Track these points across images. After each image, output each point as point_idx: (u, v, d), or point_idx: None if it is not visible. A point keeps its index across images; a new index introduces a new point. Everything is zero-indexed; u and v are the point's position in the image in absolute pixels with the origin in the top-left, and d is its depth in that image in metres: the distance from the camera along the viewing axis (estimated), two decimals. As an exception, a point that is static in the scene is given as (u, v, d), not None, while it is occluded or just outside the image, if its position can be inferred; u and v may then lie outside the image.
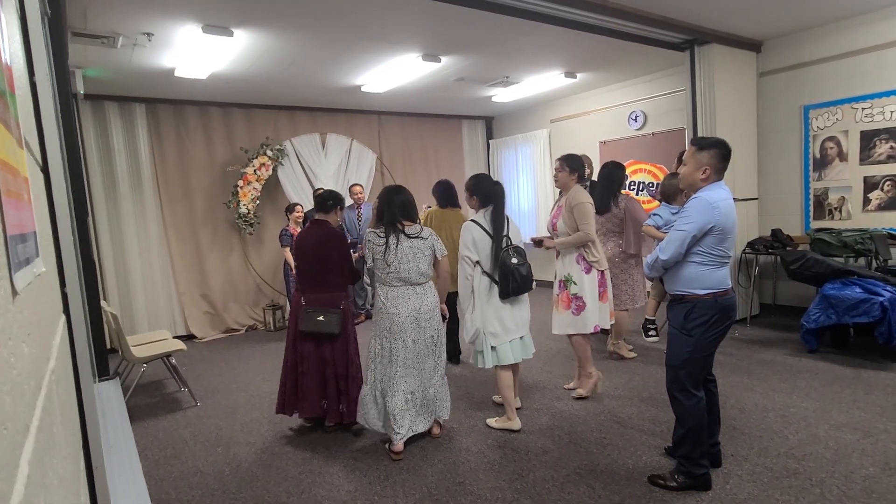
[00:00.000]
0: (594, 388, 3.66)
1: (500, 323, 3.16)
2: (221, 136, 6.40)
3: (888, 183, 4.65)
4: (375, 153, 7.46)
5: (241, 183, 6.23)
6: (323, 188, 6.40)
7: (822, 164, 5.03)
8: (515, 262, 3.10)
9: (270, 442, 3.30)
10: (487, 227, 3.16)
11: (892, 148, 4.59)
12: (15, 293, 0.55)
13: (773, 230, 5.11)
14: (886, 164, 4.63)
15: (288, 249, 5.66)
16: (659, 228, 3.51)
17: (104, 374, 2.58)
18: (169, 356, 4.06)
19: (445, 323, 3.32)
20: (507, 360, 3.19)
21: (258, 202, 6.35)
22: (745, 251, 5.17)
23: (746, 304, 5.29)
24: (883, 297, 3.79)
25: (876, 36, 4.58)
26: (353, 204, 6.53)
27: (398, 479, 2.75)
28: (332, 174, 7.02)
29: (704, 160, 2.34)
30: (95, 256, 5.62)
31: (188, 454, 3.22)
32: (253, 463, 3.05)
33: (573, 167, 3.53)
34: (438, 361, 3.12)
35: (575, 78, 6.20)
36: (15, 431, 0.46)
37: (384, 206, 3.04)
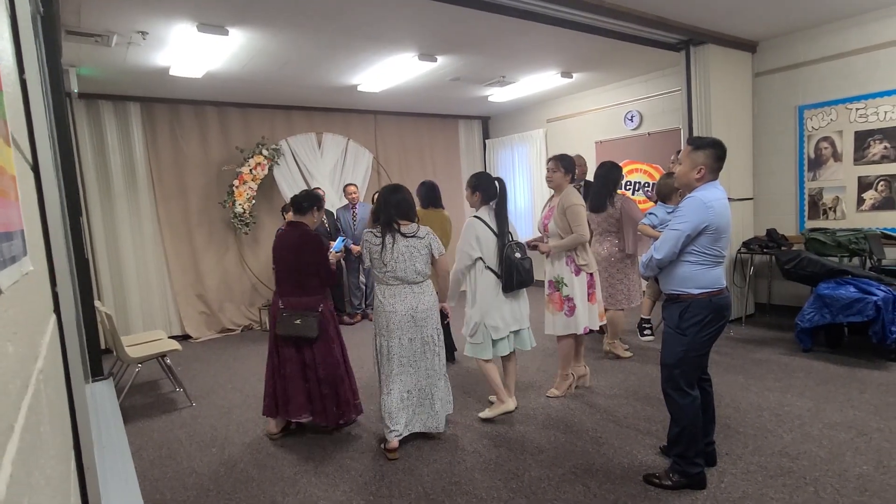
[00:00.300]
0: (569, 389, 3.69)
1: (500, 317, 3.26)
2: (217, 135, 6.38)
3: (882, 183, 4.67)
4: (372, 153, 7.45)
5: (236, 182, 6.22)
6: (319, 188, 6.43)
7: (816, 164, 5.05)
8: (519, 256, 3.22)
9: (266, 442, 3.29)
10: (492, 223, 3.26)
11: (885, 148, 4.61)
12: (-1, 291, 0.54)
13: (768, 230, 5.13)
14: (880, 164, 4.66)
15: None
16: (654, 227, 3.52)
17: (98, 374, 2.57)
18: (164, 356, 4.05)
19: (446, 321, 3.30)
20: (503, 352, 3.33)
21: (254, 202, 6.33)
22: (740, 251, 5.19)
23: (742, 303, 5.31)
24: (877, 296, 3.80)
25: (869, 37, 4.60)
26: (348, 204, 6.53)
27: (394, 479, 2.75)
28: (328, 174, 7.01)
29: (700, 160, 2.34)
30: (89, 256, 5.60)
31: (183, 454, 3.20)
32: (248, 463, 3.04)
33: (568, 168, 3.54)
34: (438, 361, 3.10)
35: (571, 78, 6.21)
36: (-2, 431, 0.45)
37: (381, 205, 3.05)
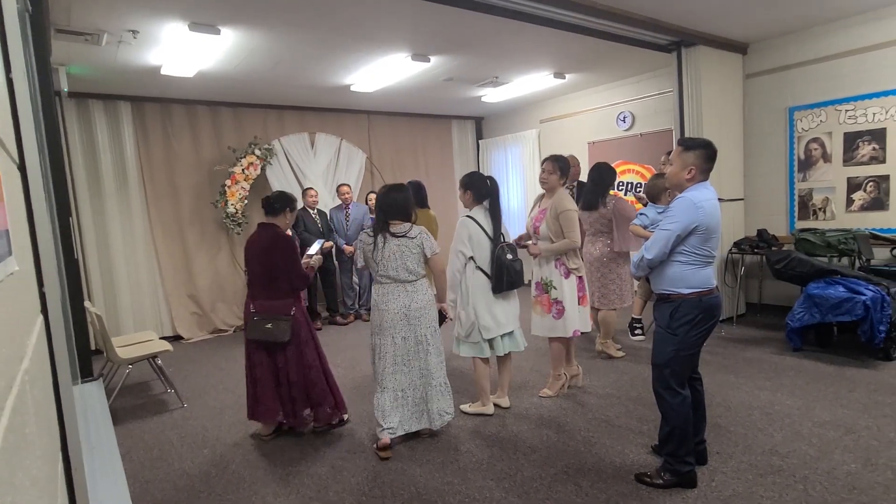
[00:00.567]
0: (561, 389, 3.71)
1: (492, 317, 3.28)
2: (209, 134, 6.35)
3: (871, 184, 4.72)
4: (365, 153, 7.44)
5: (228, 182, 6.19)
6: (312, 188, 6.41)
7: (806, 165, 5.10)
8: (510, 258, 3.23)
9: (257, 443, 3.28)
10: (484, 223, 3.27)
11: (874, 149, 4.66)
12: (-17, 291, 0.54)
13: (758, 230, 5.17)
14: (869, 165, 4.70)
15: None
16: (646, 228, 3.54)
17: (87, 375, 2.55)
18: (155, 357, 4.02)
19: (445, 322, 3.28)
20: (498, 352, 3.36)
21: (246, 202, 6.30)
22: (731, 251, 5.23)
23: (733, 303, 5.34)
24: (865, 296, 3.84)
25: (857, 39, 4.65)
26: (341, 204, 6.52)
27: (387, 479, 2.75)
28: (321, 174, 6.99)
29: (690, 160, 2.36)
30: (79, 256, 5.55)
31: (174, 456, 3.18)
32: (240, 464, 3.03)
33: (563, 171, 3.54)
34: (433, 360, 3.09)
35: (564, 79, 6.23)
36: (-19, 431, 0.45)
37: (377, 205, 3.11)
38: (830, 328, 4.27)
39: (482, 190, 3.32)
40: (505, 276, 3.21)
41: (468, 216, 3.30)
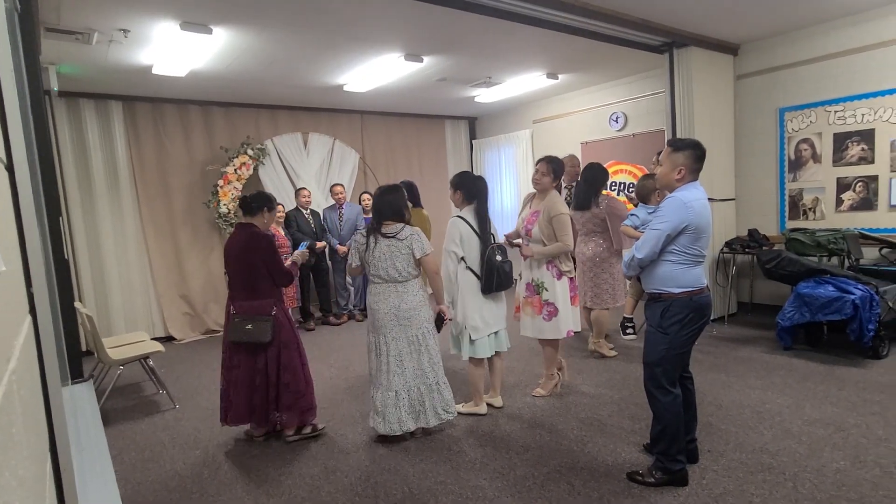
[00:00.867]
0: (554, 388, 3.72)
1: (481, 317, 3.29)
2: (201, 134, 6.32)
3: (860, 184, 4.76)
4: (358, 153, 7.43)
5: (221, 182, 6.16)
6: (305, 188, 6.40)
7: (796, 165, 5.14)
8: (500, 259, 3.25)
9: (250, 444, 3.27)
10: (475, 223, 3.28)
11: (863, 150, 4.71)
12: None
13: (749, 230, 5.21)
14: (858, 165, 4.75)
15: (277, 251, 5.60)
16: (636, 228, 3.57)
17: (78, 376, 2.53)
18: (146, 358, 4.00)
19: (445, 323, 3.25)
20: (483, 353, 3.35)
21: (239, 202, 6.28)
22: (722, 251, 5.26)
23: (724, 302, 5.38)
24: (854, 295, 3.88)
25: (846, 41, 4.70)
26: (335, 204, 6.51)
27: (379, 479, 2.74)
28: (314, 174, 6.98)
29: (680, 161, 2.38)
30: (70, 256, 5.51)
31: (166, 457, 3.17)
32: (232, 465, 3.02)
33: (557, 172, 3.54)
34: (434, 361, 3.10)
35: (557, 79, 6.25)
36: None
37: (375, 205, 3.14)
38: (820, 327, 4.31)
39: (472, 190, 3.33)
40: (495, 277, 3.22)
41: (458, 216, 3.31)
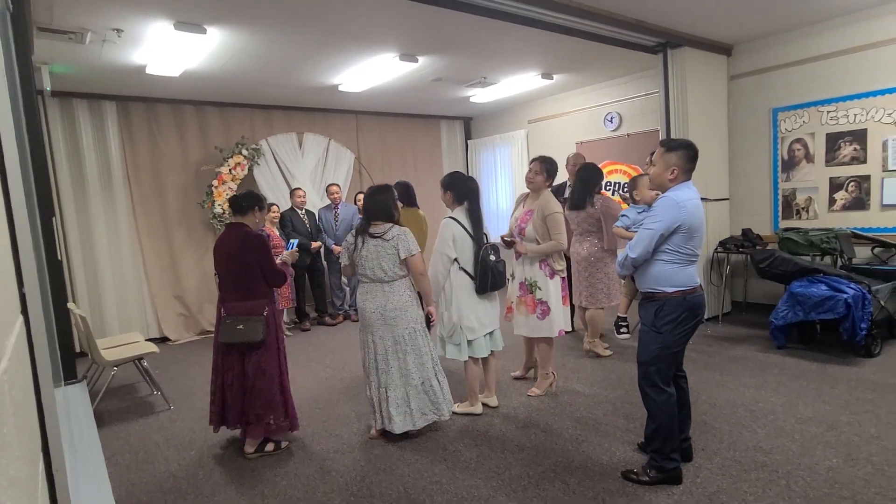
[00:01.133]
0: (549, 388, 3.73)
1: (476, 318, 3.30)
2: (195, 134, 6.30)
3: (852, 184, 4.80)
4: (353, 153, 7.42)
5: (215, 183, 6.15)
6: (301, 188, 6.38)
7: (789, 165, 5.17)
8: (494, 259, 3.26)
9: (245, 444, 3.25)
10: (467, 224, 3.28)
11: (855, 150, 4.74)
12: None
13: (743, 230, 5.24)
14: (850, 165, 4.78)
15: (270, 250, 5.59)
16: (628, 229, 3.57)
17: (71, 377, 2.52)
18: (141, 359, 3.99)
19: (431, 325, 3.25)
20: (480, 353, 3.36)
21: (233, 202, 6.26)
22: (716, 250, 5.29)
23: (718, 301, 5.41)
24: (847, 294, 3.90)
25: (839, 41, 4.73)
26: (330, 204, 6.50)
27: (375, 479, 2.74)
28: (309, 174, 6.97)
29: (672, 161, 2.39)
30: (63, 257, 5.48)
31: (160, 458, 3.16)
32: (227, 466, 3.01)
33: (550, 172, 3.57)
34: (423, 361, 3.10)
35: (552, 79, 6.26)
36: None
37: (363, 206, 3.16)
38: (814, 326, 4.33)
39: (462, 191, 3.33)
40: (489, 277, 3.23)
41: (451, 217, 3.31)
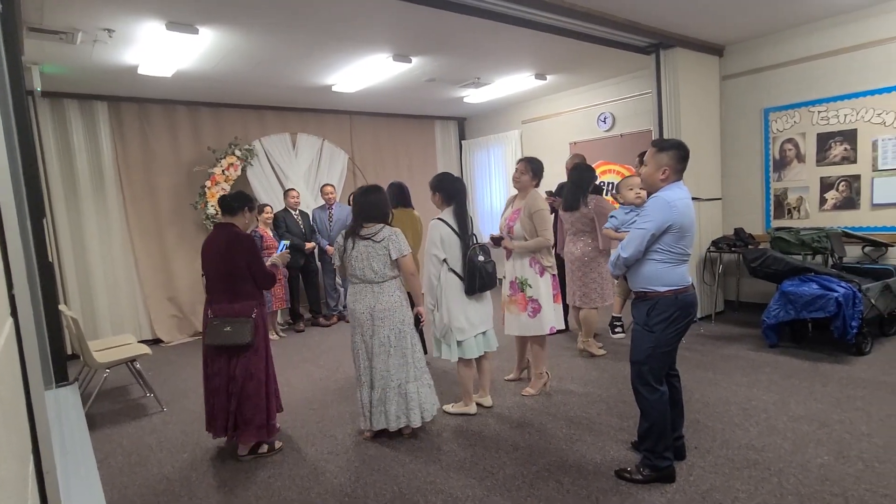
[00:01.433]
0: (543, 387, 3.74)
1: (466, 318, 3.29)
2: (188, 135, 6.27)
3: (842, 183, 4.84)
4: (347, 153, 7.41)
5: (208, 183, 6.12)
6: (294, 188, 6.37)
7: (781, 165, 5.21)
8: (482, 259, 3.25)
9: (239, 446, 3.24)
10: (454, 225, 3.28)
11: (845, 150, 4.78)
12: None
13: (736, 229, 5.27)
14: (841, 165, 4.83)
15: (259, 251, 5.58)
16: (616, 230, 3.59)
17: (63, 379, 2.50)
18: (133, 361, 3.96)
19: (421, 325, 3.28)
20: (471, 354, 3.35)
21: (227, 203, 6.23)
22: (709, 250, 5.32)
23: (711, 301, 5.44)
24: (838, 292, 3.94)
25: (829, 42, 4.77)
26: (324, 204, 6.49)
27: (369, 479, 2.74)
28: (302, 174, 6.95)
29: (664, 161, 2.41)
30: (54, 259, 5.44)
31: (153, 461, 3.14)
32: (221, 467, 3.00)
33: (535, 171, 3.60)
34: (406, 362, 3.10)
35: (545, 80, 6.28)
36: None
37: (354, 207, 3.16)
38: (805, 325, 4.37)
39: (450, 191, 3.33)
40: (477, 277, 3.22)
41: (439, 218, 3.30)
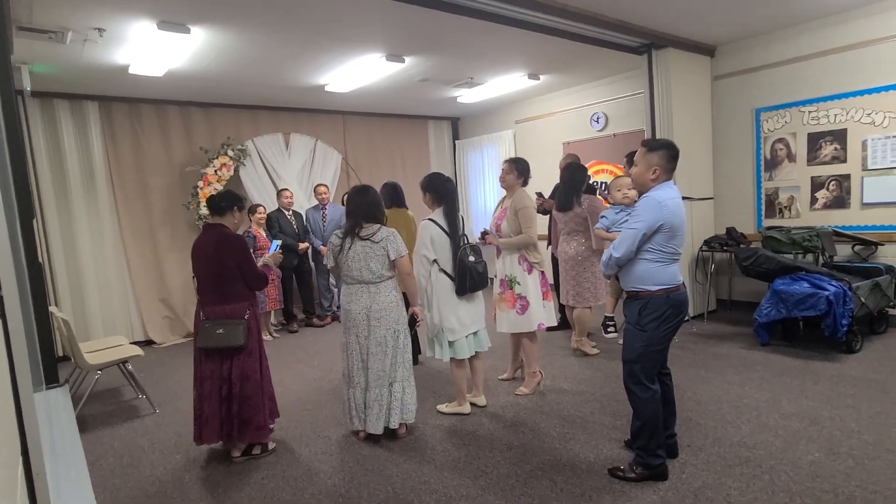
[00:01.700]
0: (537, 386, 3.75)
1: (457, 319, 3.29)
2: (180, 135, 6.24)
3: (833, 183, 4.88)
4: (340, 153, 7.40)
5: (201, 184, 6.09)
6: (288, 189, 6.35)
7: (772, 164, 5.25)
8: (472, 259, 3.25)
9: (231, 447, 3.23)
10: (444, 225, 3.28)
11: (836, 149, 4.82)
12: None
13: (727, 228, 5.31)
14: (831, 164, 4.87)
15: (250, 251, 5.56)
16: (607, 230, 3.61)
17: (53, 381, 2.48)
18: (125, 362, 3.94)
19: (417, 325, 3.28)
20: (462, 354, 3.35)
21: (219, 203, 6.20)
22: (702, 249, 5.35)
23: (703, 300, 5.47)
24: (828, 291, 3.97)
25: (820, 42, 4.81)
26: (318, 204, 6.48)
27: (363, 479, 2.74)
28: (296, 175, 6.93)
29: (654, 161, 2.42)
30: (45, 260, 5.40)
31: (146, 462, 3.12)
32: (214, 469, 2.99)
33: (521, 171, 3.64)
34: (396, 362, 3.10)
35: (538, 80, 6.30)
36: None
37: (350, 208, 3.12)
38: (797, 323, 4.40)
39: (441, 192, 3.33)
40: (468, 278, 3.22)
41: (430, 219, 3.30)
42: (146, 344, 5.89)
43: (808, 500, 2.29)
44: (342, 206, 6.53)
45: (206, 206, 3.09)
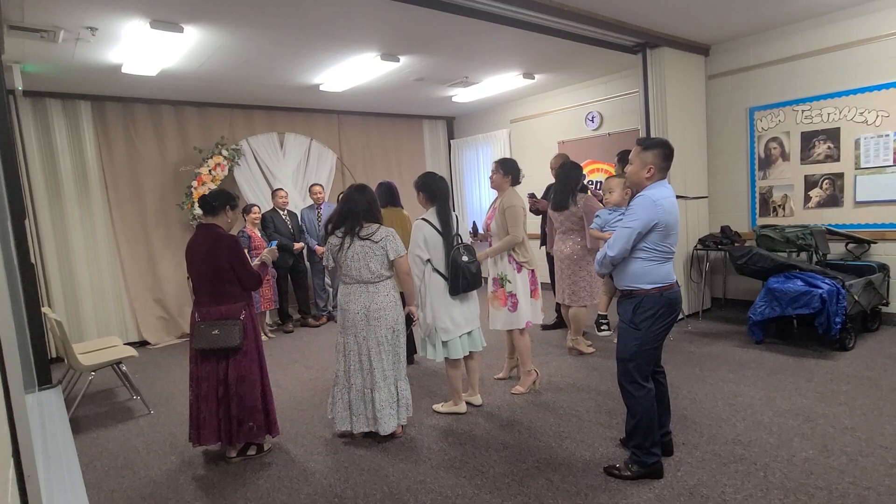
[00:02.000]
0: (533, 385, 3.76)
1: (450, 319, 3.29)
2: (174, 135, 6.21)
3: (826, 181, 4.91)
4: (335, 153, 7.38)
5: (195, 184, 6.06)
6: (282, 188, 6.33)
7: (766, 163, 5.27)
8: (466, 259, 3.24)
9: (227, 447, 3.22)
10: (438, 225, 3.27)
11: (829, 148, 4.85)
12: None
13: (722, 227, 5.33)
14: (824, 163, 4.89)
15: (245, 251, 5.54)
16: (601, 229, 3.63)
17: (46, 382, 2.46)
18: (119, 363, 3.92)
19: (413, 325, 3.28)
20: (456, 354, 3.34)
21: (214, 203, 6.18)
22: (696, 247, 5.37)
23: (698, 298, 5.49)
24: (822, 289, 3.99)
25: (813, 42, 4.83)
26: (313, 204, 6.46)
27: (359, 479, 2.73)
28: (290, 174, 6.91)
29: (649, 159, 2.42)
30: (38, 260, 5.37)
31: (140, 464, 3.11)
32: (209, 470, 2.97)
33: (507, 170, 3.66)
34: (393, 363, 3.10)
35: (533, 79, 6.30)
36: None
37: (350, 206, 3.05)
38: (790, 321, 4.42)
39: (434, 191, 3.32)
40: (461, 277, 3.21)
41: (423, 219, 3.29)
42: (140, 345, 5.86)
43: (802, 496, 2.30)
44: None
45: (199, 205, 3.07)
